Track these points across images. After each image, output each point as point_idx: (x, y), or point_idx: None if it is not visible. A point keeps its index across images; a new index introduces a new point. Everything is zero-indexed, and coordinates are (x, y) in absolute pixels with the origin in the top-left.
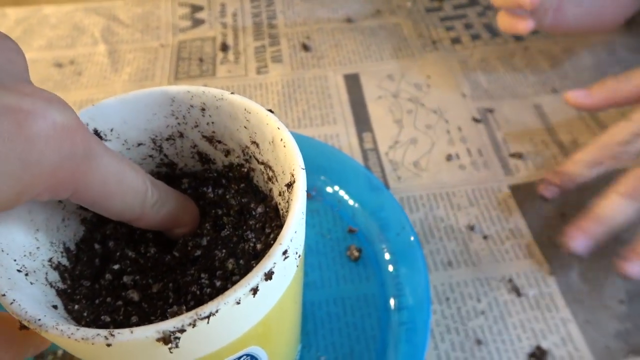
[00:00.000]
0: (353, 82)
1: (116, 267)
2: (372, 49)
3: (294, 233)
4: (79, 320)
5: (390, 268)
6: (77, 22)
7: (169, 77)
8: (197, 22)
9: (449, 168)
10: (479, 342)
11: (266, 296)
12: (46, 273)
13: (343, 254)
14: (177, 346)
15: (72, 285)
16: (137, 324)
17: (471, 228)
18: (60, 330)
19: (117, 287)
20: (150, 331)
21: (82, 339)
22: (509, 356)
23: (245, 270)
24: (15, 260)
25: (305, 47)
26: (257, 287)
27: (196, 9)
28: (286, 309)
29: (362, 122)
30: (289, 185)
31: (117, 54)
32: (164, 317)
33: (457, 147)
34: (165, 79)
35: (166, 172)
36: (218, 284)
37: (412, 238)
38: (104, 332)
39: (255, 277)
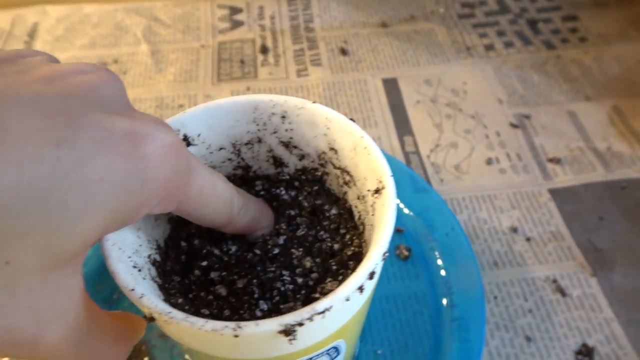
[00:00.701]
0: (392, 87)
1: (204, 263)
2: (409, 54)
3: (390, 236)
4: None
5: (440, 267)
6: (119, 22)
7: (212, 78)
8: (236, 24)
9: (489, 172)
10: (528, 339)
11: (366, 293)
12: (149, 269)
13: (392, 253)
14: (295, 338)
15: (165, 280)
16: (230, 317)
17: (514, 230)
18: (191, 322)
19: (204, 282)
20: (274, 324)
21: (212, 330)
22: (556, 353)
23: (322, 268)
24: (129, 257)
25: (343, 51)
26: (363, 285)
27: (235, 10)
28: (368, 304)
29: (402, 125)
30: (377, 191)
31: (159, 54)
32: (251, 311)
33: (497, 152)
34: (209, 80)
35: (241, 174)
36: (300, 280)
37: (462, 238)
38: (231, 324)
39: (362, 276)
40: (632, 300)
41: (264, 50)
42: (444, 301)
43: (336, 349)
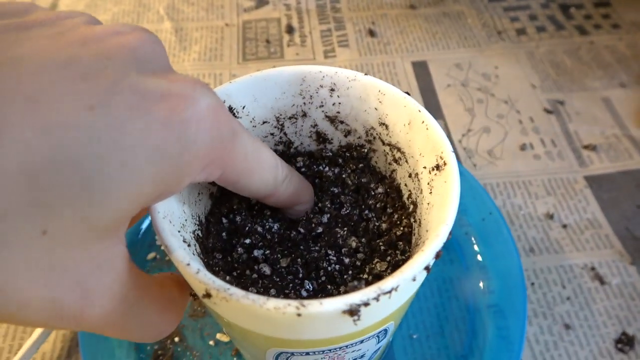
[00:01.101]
0: (421, 70)
1: (247, 241)
2: (438, 36)
3: (455, 214)
4: None
5: (476, 252)
6: None
7: (237, 58)
8: (261, 3)
9: (523, 157)
10: (567, 326)
11: (427, 273)
12: (195, 245)
13: None
14: (359, 318)
15: (207, 257)
16: (276, 296)
17: (550, 217)
18: (252, 299)
19: (247, 260)
20: (339, 304)
21: (274, 308)
22: (596, 341)
23: (369, 248)
24: (179, 231)
25: (372, 33)
26: (429, 265)
27: None
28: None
29: (433, 109)
30: (437, 168)
31: (183, 32)
32: (296, 291)
33: (531, 137)
34: (235, 59)
35: (282, 150)
36: (347, 260)
37: (500, 223)
38: (294, 302)
39: (428, 256)
40: None
41: (290, 30)
42: (481, 287)
43: (385, 332)
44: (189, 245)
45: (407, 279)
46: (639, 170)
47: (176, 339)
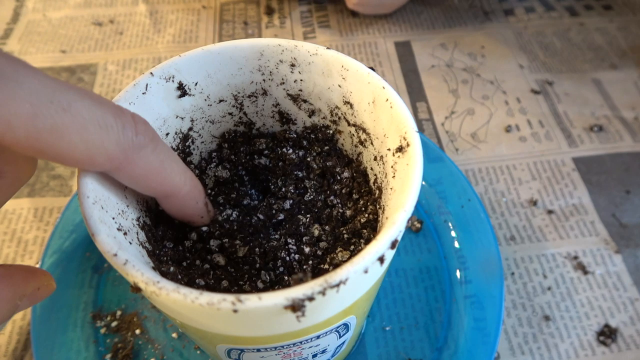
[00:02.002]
0: (405, 50)
1: (204, 228)
2: (423, 16)
3: (415, 200)
4: (175, 283)
5: (454, 240)
6: None
7: (213, 40)
8: None
9: (508, 139)
10: (547, 318)
11: (385, 265)
12: (137, 233)
13: None
14: (304, 314)
15: (156, 246)
16: (228, 289)
17: (534, 203)
18: (183, 294)
19: (201, 250)
20: (280, 298)
21: (208, 304)
22: (577, 333)
23: (332, 237)
24: (114, 219)
25: (353, 13)
26: (384, 255)
27: None
28: (382, 278)
29: (415, 91)
30: (400, 149)
31: (158, 15)
32: (252, 283)
33: (517, 119)
34: (210, 41)
35: (243, 131)
36: (307, 250)
37: (479, 210)
38: (230, 297)
39: (382, 245)
40: None
41: (269, 11)
42: (458, 277)
43: (346, 326)
44: (125, 233)
45: (357, 271)
46: (629, 154)
47: (137, 331)
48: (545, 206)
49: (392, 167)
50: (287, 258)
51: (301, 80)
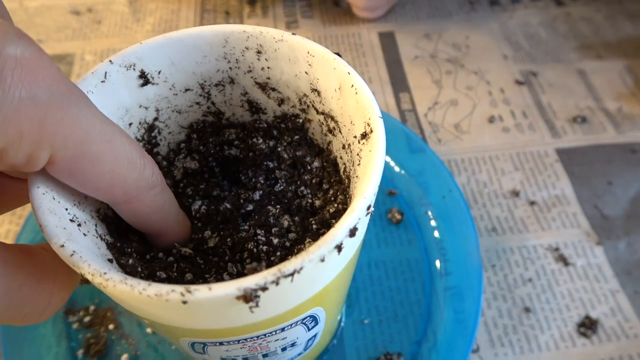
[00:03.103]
0: (388, 41)
1: None
2: (407, 7)
3: (376, 187)
4: (134, 275)
5: (435, 232)
6: None
7: None
8: None
9: (491, 130)
10: (527, 310)
11: (346, 254)
12: (95, 225)
13: (384, 217)
14: (257, 305)
15: (120, 238)
16: (192, 281)
17: (516, 194)
18: (130, 285)
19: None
20: (230, 288)
21: (156, 295)
22: (557, 325)
23: (302, 227)
24: (67, 210)
25: (336, 3)
26: (342, 244)
27: None
28: (351, 268)
29: (398, 82)
30: (364, 136)
31: (138, 3)
32: (218, 275)
33: (500, 109)
34: None
35: (212, 121)
36: (275, 241)
37: (460, 202)
38: (179, 287)
39: (340, 233)
40: (639, 272)
41: (252, 0)
42: (438, 268)
43: (313, 318)
44: (79, 225)
45: (313, 260)
46: (611, 145)
47: (111, 327)
48: (527, 197)
49: (357, 154)
50: (255, 250)
51: (268, 67)
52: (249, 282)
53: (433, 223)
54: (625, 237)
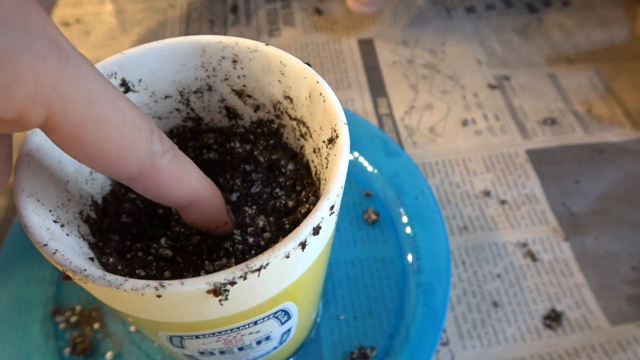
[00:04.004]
0: (367, 47)
1: (156, 222)
2: (386, 14)
3: (340, 189)
4: (114, 273)
5: (408, 231)
6: None
7: None
8: None
9: (465, 133)
10: (495, 304)
11: (311, 251)
12: (78, 226)
13: (360, 217)
14: (227, 298)
15: (102, 239)
16: (170, 279)
17: (487, 194)
18: (108, 281)
19: (147, 240)
20: (201, 283)
21: (132, 289)
22: (524, 318)
23: (275, 227)
24: (50, 211)
25: (318, 11)
26: (306, 241)
27: None
28: (320, 266)
29: (376, 87)
30: (330, 141)
31: (125, 14)
32: (196, 273)
33: (474, 113)
34: None
35: (191, 126)
36: (250, 240)
37: (431, 202)
38: (153, 282)
39: (304, 231)
40: (604, 265)
41: (235, 9)
42: (411, 266)
43: (285, 313)
44: (62, 225)
45: (278, 256)
46: (580, 145)
47: (96, 326)
48: (498, 196)
49: (325, 158)
50: (231, 248)
51: (244, 76)
52: (219, 277)
53: (407, 222)
54: (591, 233)
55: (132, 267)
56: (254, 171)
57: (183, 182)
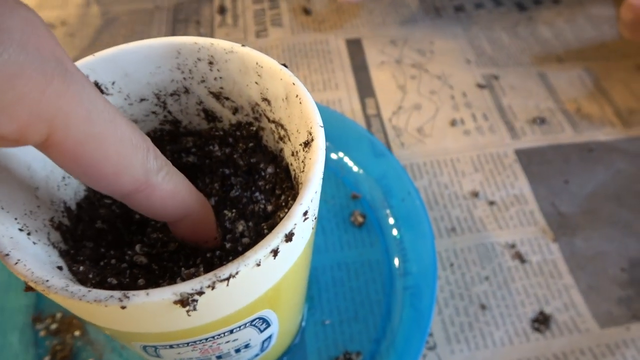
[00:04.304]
0: (355, 47)
1: (134, 227)
2: (375, 13)
3: (314, 193)
4: (84, 282)
5: (395, 234)
6: None
7: None
8: None
9: (453, 133)
10: (483, 307)
11: (285, 258)
12: (48, 233)
13: (347, 220)
14: (195, 309)
15: (75, 246)
16: (144, 287)
17: (475, 195)
18: (71, 292)
19: (123, 247)
20: (167, 293)
21: (95, 301)
22: (512, 321)
23: (255, 232)
24: (16, 219)
25: (306, 11)
26: (278, 248)
27: None
28: (299, 272)
29: (364, 87)
30: (306, 144)
31: (110, 15)
32: (172, 280)
33: (462, 113)
34: None
35: (169, 129)
36: (228, 245)
37: (417, 203)
38: (117, 293)
39: (276, 238)
40: (593, 267)
41: (222, 10)
42: (398, 268)
43: (264, 320)
44: (29, 234)
45: (248, 264)
46: (569, 145)
47: (77, 333)
48: (486, 197)
49: (302, 161)
50: (209, 255)
51: (220, 77)
52: (186, 286)
53: (394, 224)
54: (580, 233)
55: (104, 275)
56: (234, 175)
57: (176, 199)
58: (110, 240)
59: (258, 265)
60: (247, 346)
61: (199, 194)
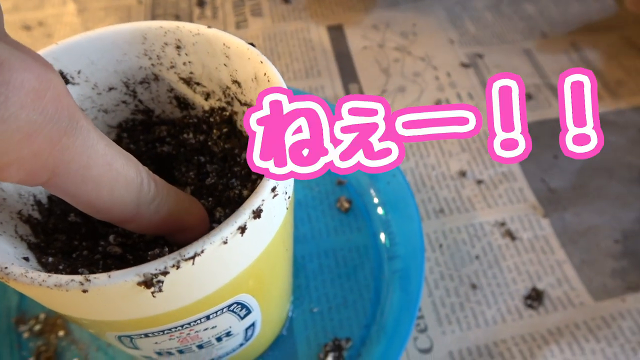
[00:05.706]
0: (337, 34)
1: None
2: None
3: None
4: (54, 273)
5: (382, 217)
6: None
7: None
8: None
9: None
10: (473, 286)
11: (255, 237)
12: (15, 226)
13: (333, 206)
14: (160, 290)
15: (46, 239)
16: None
17: (463, 174)
18: (30, 277)
19: (97, 238)
20: (129, 275)
21: (55, 285)
22: (504, 299)
23: None
24: None
25: (286, 0)
26: (245, 225)
27: None
28: (277, 255)
29: (347, 73)
30: None
31: (87, 13)
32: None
33: (447, 93)
34: None
35: (142, 119)
36: None
37: (403, 185)
38: (78, 277)
39: (242, 214)
40: (586, 241)
41: (201, 3)
42: (386, 252)
43: (243, 306)
44: None
45: (214, 242)
46: (557, 120)
47: (61, 333)
48: (474, 176)
49: None
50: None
51: (189, 62)
52: (149, 267)
53: (380, 209)
54: (571, 208)
55: (74, 266)
56: (209, 162)
57: (168, 222)
58: (83, 233)
59: (225, 242)
60: (228, 334)
61: (199, 209)
